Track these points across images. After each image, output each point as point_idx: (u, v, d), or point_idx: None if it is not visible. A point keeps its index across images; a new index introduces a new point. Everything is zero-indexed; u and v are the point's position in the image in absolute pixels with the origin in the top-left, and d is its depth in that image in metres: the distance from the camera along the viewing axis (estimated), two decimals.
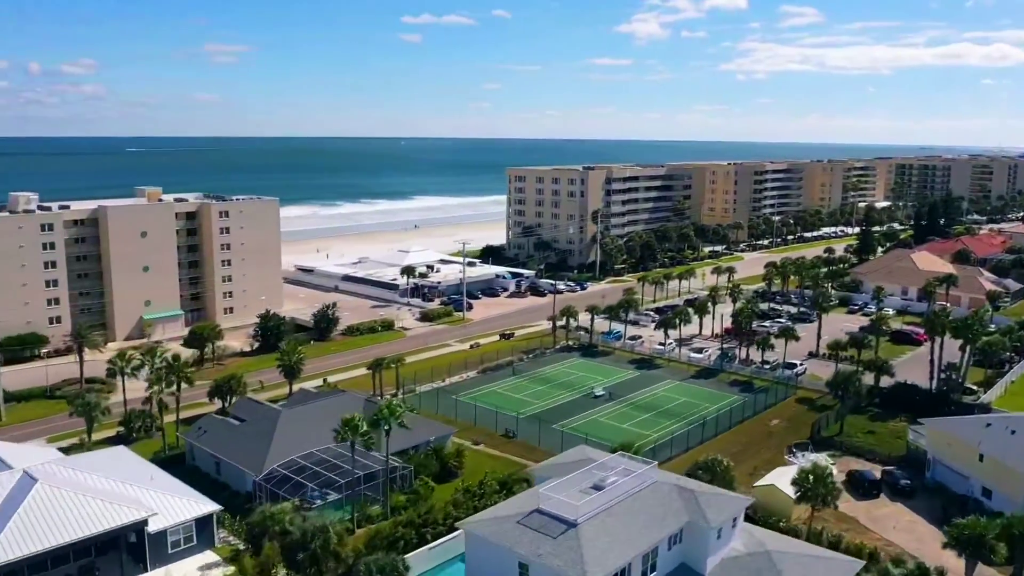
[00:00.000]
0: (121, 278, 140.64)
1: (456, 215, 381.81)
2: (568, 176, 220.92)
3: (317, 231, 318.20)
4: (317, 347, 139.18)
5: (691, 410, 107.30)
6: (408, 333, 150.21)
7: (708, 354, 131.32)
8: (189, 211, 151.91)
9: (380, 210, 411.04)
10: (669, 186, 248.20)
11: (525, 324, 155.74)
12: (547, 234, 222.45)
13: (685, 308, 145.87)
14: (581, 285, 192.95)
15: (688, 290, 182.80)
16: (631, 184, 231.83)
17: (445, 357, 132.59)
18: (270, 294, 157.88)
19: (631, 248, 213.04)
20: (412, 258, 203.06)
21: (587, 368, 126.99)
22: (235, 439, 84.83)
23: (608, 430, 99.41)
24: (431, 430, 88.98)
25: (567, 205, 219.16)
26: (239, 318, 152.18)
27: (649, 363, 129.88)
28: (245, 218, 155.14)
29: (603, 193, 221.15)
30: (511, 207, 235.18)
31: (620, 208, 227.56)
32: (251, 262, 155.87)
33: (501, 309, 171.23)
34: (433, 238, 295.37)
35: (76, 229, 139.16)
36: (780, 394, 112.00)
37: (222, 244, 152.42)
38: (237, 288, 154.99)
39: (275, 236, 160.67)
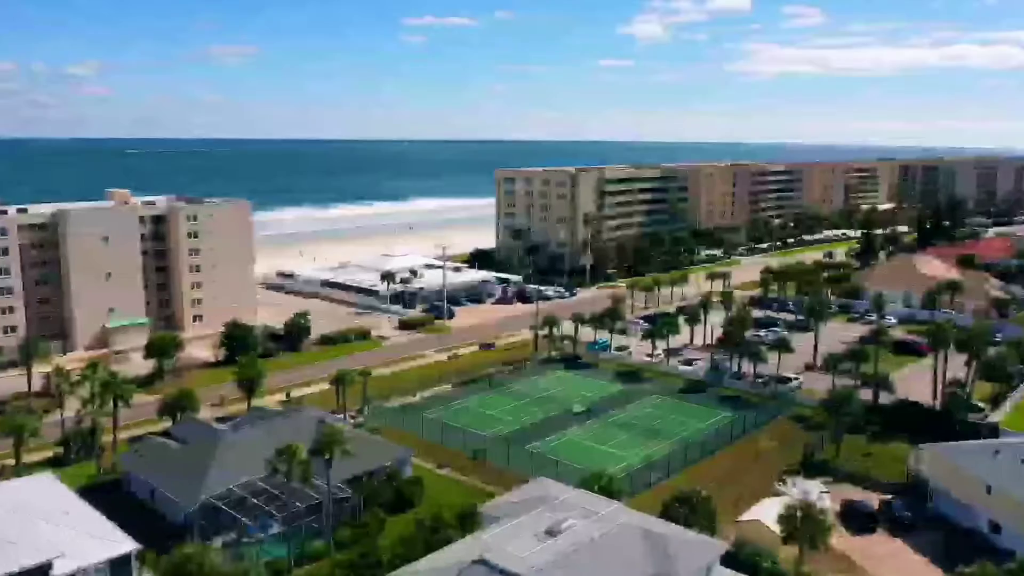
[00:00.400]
0: (81, 285, 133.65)
1: (452, 217, 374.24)
2: (559, 178, 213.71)
3: (310, 234, 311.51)
4: (287, 358, 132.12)
5: (676, 429, 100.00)
6: (385, 343, 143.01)
7: (698, 366, 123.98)
8: (156, 215, 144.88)
9: (375, 212, 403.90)
10: (665, 188, 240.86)
11: (509, 333, 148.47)
12: (537, 238, 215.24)
13: (674, 317, 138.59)
14: (571, 291, 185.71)
15: (681, 297, 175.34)
16: (625, 186, 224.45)
17: (420, 369, 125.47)
18: (242, 301, 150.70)
19: (624, 252, 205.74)
20: (396, 262, 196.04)
21: (569, 382, 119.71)
22: (172, 464, 77.77)
23: (584, 452, 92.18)
24: (388, 453, 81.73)
25: (558, 208, 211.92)
26: (209, 326, 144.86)
27: (636, 376, 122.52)
28: (215, 222, 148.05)
29: (595, 195, 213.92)
30: (501, 210, 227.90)
31: (613, 211, 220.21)
32: (222, 268, 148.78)
33: (485, 316, 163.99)
34: (426, 241, 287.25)
35: (33, 233, 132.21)
36: (773, 411, 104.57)
37: (190, 249, 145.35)
38: (207, 295, 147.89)
39: (248, 241, 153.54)
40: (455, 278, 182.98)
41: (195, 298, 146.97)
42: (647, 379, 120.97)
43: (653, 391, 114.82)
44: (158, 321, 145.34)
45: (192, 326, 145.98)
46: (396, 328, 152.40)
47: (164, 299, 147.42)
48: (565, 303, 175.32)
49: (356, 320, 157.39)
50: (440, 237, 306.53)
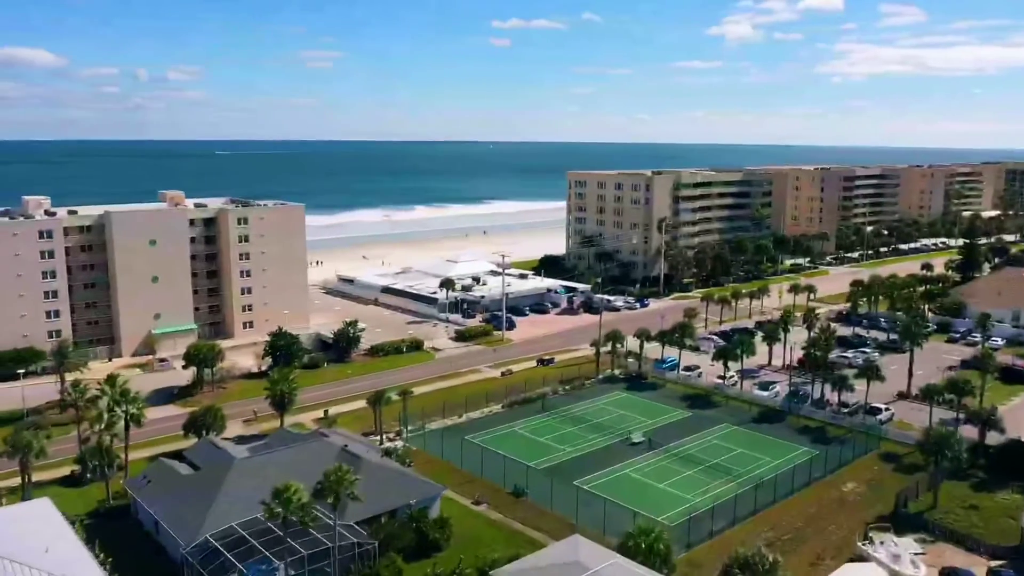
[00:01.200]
0: (127, 289, 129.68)
1: (529, 221, 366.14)
2: (633, 181, 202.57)
3: (382, 236, 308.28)
4: (333, 370, 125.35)
5: (747, 465, 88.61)
6: (438, 355, 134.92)
7: (775, 391, 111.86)
8: (206, 217, 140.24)
9: (452, 215, 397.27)
10: (746, 193, 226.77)
11: (570, 347, 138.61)
12: (609, 244, 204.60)
13: (748, 336, 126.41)
14: (642, 302, 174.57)
15: (761, 310, 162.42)
16: (703, 191, 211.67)
17: (470, 386, 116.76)
18: (294, 307, 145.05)
19: (701, 261, 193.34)
20: (460, 268, 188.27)
21: (630, 405, 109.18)
22: (178, 493, 70.81)
23: (639, 490, 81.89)
24: (414, 490, 73.01)
25: (631, 213, 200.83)
26: (259, 333, 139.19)
27: (705, 400, 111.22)
28: (267, 225, 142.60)
29: (671, 200, 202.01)
30: (571, 214, 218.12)
31: (691, 217, 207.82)
32: (273, 273, 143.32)
33: (548, 328, 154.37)
34: (498, 245, 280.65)
35: (81, 236, 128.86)
36: (860, 447, 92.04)
37: (241, 253, 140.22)
38: (257, 301, 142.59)
39: (300, 245, 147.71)
40: (519, 286, 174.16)
41: (245, 304, 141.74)
42: (717, 404, 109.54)
43: (723, 419, 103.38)
44: (207, 327, 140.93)
45: (242, 333, 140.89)
46: (452, 339, 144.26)
47: (214, 305, 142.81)
48: (635, 315, 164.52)
49: (411, 329, 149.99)
50: (513, 242, 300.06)
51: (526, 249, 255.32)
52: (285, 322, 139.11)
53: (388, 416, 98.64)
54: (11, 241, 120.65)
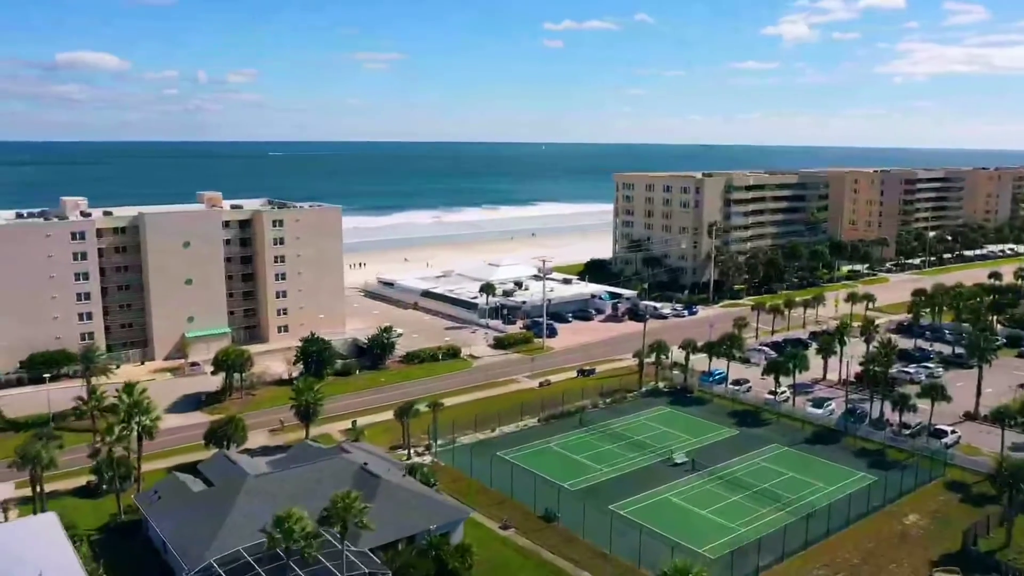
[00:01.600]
0: (160, 292, 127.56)
1: (578, 224, 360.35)
2: (681, 183, 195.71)
3: (430, 238, 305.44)
4: (366, 377, 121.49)
5: (799, 491, 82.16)
6: (475, 363, 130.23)
7: (830, 409, 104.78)
8: (241, 219, 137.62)
9: (500, 217, 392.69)
10: (802, 196, 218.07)
11: (613, 357, 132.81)
12: (656, 249, 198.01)
13: (801, 348, 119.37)
14: (690, 309, 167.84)
15: (815, 320, 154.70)
16: (756, 193, 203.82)
17: (506, 397, 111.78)
18: (330, 311, 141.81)
19: (753, 267, 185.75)
20: (502, 272, 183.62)
21: (674, 421, 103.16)
22: (188, 511, 67.10)
23: (680, 517, 76.13)
24: (435, 514, 68.21)
25: (680, 216, 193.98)
26: (294, 338, 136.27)
27: (754, 418, 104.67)
28: (302, 227, 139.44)
29: (723, 203, 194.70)
30: (618, 217, 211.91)
31: (742, 220, 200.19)
32: (309, 276, 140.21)
33: (591, 336, 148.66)
34: (546, 248, 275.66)
35: (115, 237, 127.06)
36: (923, 474, 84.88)
37: (276, 256, 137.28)
38: (292, 304, 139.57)
39: (337, 247, 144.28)
40: (562, 291, 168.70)
41: (279, 307, 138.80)
42: (767, 422, 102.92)
43: (773, 438, 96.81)
44: (242, 331, 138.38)
45: (276, 337, 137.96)
46: (490, 346, 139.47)
47: (249, 308, 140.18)
48: (682, 323, 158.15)
49: (450, 335, 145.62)
50: (561, 244, 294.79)
51: (574, 252, 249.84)
52: (320, 326, 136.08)
53: (418, 428, 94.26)
54: (44, 242, 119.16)
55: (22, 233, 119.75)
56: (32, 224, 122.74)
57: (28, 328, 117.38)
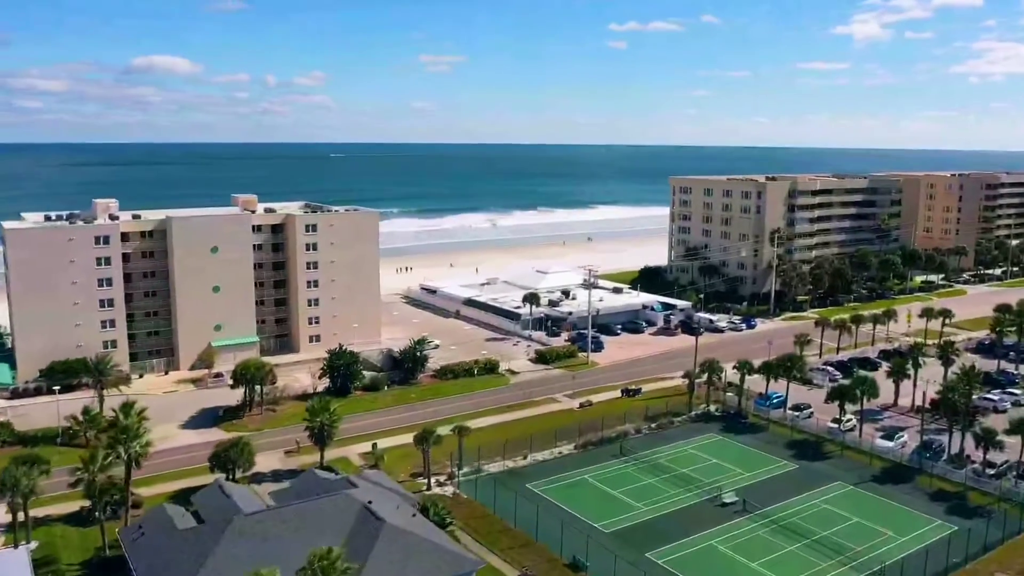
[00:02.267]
0: (187, 299, 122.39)
1: (636, 229, 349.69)
2: (743, 188, 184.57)
3: (481, 242, 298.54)
4: (395, 393, 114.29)
5: (865, 541, 72.07)
6: (513, 379, 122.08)
7: (902, 442, 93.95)
8: (274, 223, 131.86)
9: (556, 221, 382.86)
10: (872, 201, 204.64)
11: (662, 375, 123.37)
12: (715, 256, 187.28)
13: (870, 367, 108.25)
14: (748, 322, 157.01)
15: (886, 336, 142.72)
16: (822, 199, 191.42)
17: (542, 419, 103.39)
18: (365, 320, 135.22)
19: (818, 277, 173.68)
20: (549, 280, 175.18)
21: (725, 451, 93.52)
22: (170, 550, 60.27)
23: (726, 569, 66.78)
24: (444, 563, 60.09)
25: (740, 223, 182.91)
26: (326, 348, 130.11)
27: (816, 450, 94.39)
28: (337, 232, 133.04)
29: (786, 209, 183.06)
30: (674, 223, 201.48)
31: (807, 227, 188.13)
32: (343, 283, 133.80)
33: (640, 351, 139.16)
34: (601, 253, 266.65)
35: (142, 242, 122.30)
36: (1012, 525, 73.96)
37: (308, 262, 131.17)
38: (325, 313, 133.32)
39: (373, 253, 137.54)
40: (611, 301, 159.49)
41: (311, 316, 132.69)
42: (830, 455, 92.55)
43: (836, 475, 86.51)
44: (272, 340, 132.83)
45: (308, 347, 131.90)
46: (531, 360, 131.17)
47: (281, 317, 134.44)
48: (739, 337, 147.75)
49: (489, 347, 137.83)
50: (617, 250, 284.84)
51: (629, 258, 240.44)
52: (354, 336, 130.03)
53: (442, 454, 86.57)
54: (66, 246, 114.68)
55: (45, 236, 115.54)
56: (54, 227, 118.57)
57: (50, 335, 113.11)
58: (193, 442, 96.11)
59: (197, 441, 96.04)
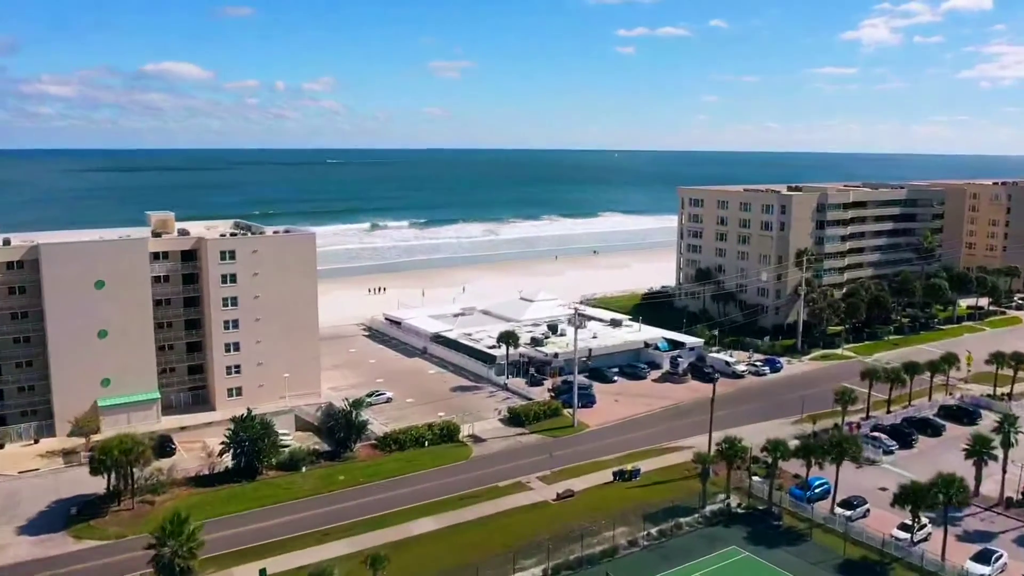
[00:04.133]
0: (63, 346, 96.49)
1: (643, 241, 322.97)
2: (763, 200, 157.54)
3: (471, 258, 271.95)
4: (318, 474, 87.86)
5: None
6: (476, 450, 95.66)
7: (1001, 565, 67.15)
8: (183, 249, 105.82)
9: (555, 234, 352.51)
10: (911, 215, 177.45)
11: (667, 444, 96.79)
12: (730, 280, 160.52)
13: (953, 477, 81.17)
14: (773, 363, 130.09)
15: (945, 382, 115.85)
16: (855, 212, 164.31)
17: (502, 522, 76.85)
18: (300, 368, 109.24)
19: (853, 306, 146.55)
20: (535, 310, 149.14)
21: (750, 574, 67.02)
22: None
23: None
24: None
25: (760, 241, 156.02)
26: (251, 402, 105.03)
27: (877, 573, 67.61)
28: (261, 260, 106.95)
29: (813, 225, 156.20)
30: (683, 240, 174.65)
31: (838, 246, 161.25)
32: (271, 323, 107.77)
33: (640, 405, 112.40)
34: (603, 270, 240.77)
35: (9, 275, 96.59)
36: None
37: (224, 298, 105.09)
38: (248, 360, 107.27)
39: (310, 285, 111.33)
40: (608, 337, 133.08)
41: (230, 364, 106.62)
42: None
43: None
44: (184, 395, 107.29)
45: (227, 402, 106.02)
46: (503, 420, 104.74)
47: (196, 365, 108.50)
48: (764, 385, 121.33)
49: (454, 400, 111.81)
50: (623, 264, 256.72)
51: (635, 276, 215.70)
52: (286, 388, 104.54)
53: None
54: None
55: None
56: None
57: None
58: (24, 558, 70.28)
59: (31, 556, 70.30)
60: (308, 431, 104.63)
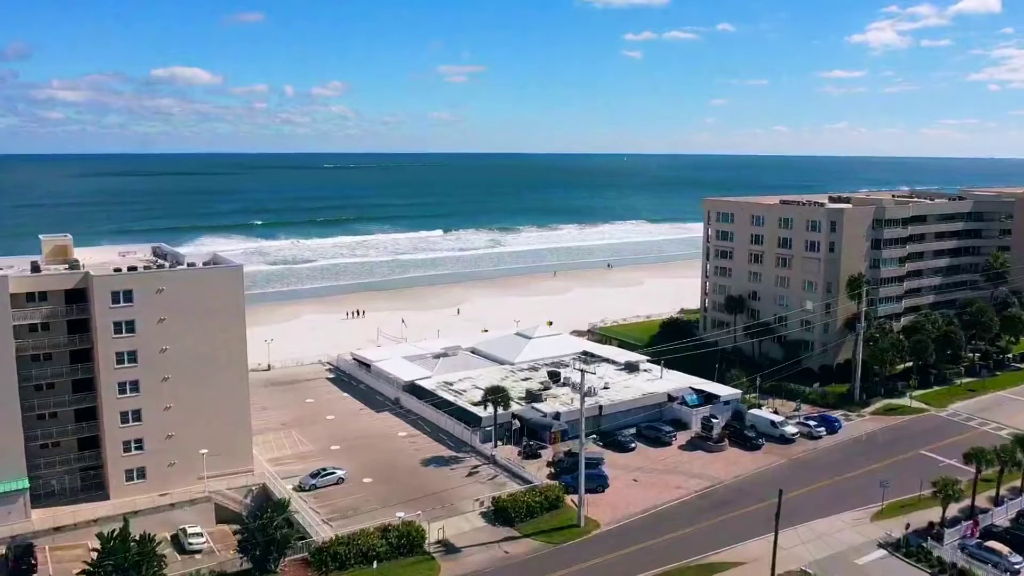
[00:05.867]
0: None
1: (657, 255, 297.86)
2: (808, 216, 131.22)
3: (468, 274, 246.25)
4: None
5: None
6: (445, 567, 70.06)
7: None
8: (67, 288, 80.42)
9: (563, 246, 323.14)
10: (976, 231, 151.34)
11: (714, 554, 70.85)
12: (765, 310, 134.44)
13: None
14: (830, 423, 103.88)
15: None
16: (915, 228, 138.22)
17: None
18: (224, 439, 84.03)
19: (920, 344, 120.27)
20: (534, 349, 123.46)
21: None
22: None
23: None
24: None
25: (805, 265, 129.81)
26: (157, 486, 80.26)
27: None
28: (169, 302, 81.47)
29: (867, 245, 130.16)
30: (709, 261, 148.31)
31: (895, 269, 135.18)
32: (184, 382, 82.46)
33: (666, 488, 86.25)
34: (615, 288, 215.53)
35: None
36: None
37: (119, 353, 79.69)
38: (153, 432, 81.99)
39: (236, 331, 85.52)
40: (621, 388, 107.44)
41: (130, 439, 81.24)
42: None
43: None
44: (71, 476, 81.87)
45: (124, 488, 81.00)
46: (485, 514, 79.03)
47: (89, 438, 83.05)
48: (823, 454, 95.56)
49: (425, 479, 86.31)
50: (638, 280, 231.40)
51: (651, 295, 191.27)
52: (205, 467, 79.69)
53: None
54: None
55: None
56: None
57: None
58: None
59: None
60: (235, 522, 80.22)
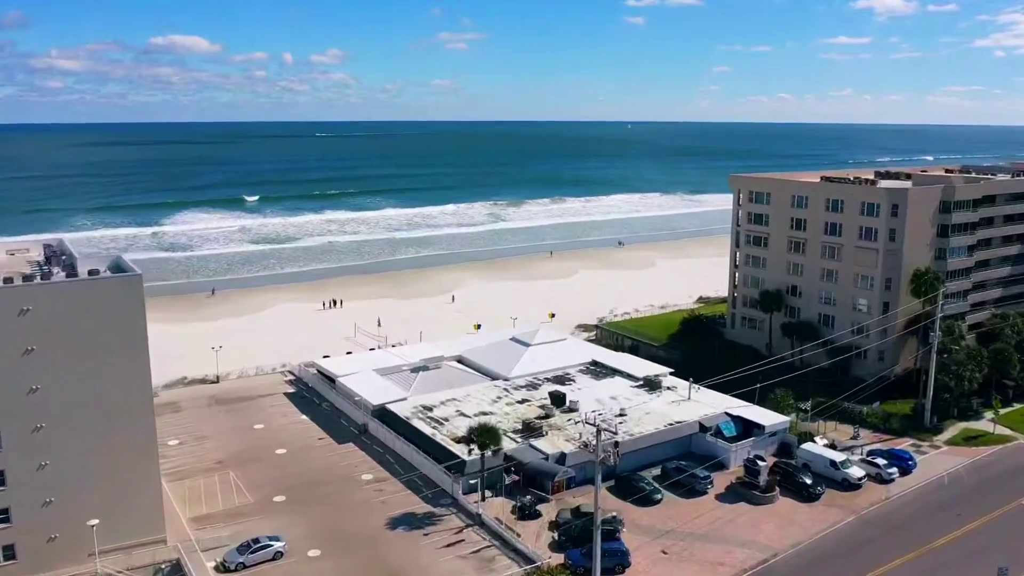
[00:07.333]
0: None
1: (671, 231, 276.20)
2: (863, 197, 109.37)
3: (466, 254, 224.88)
4: None
5: None
6: None
7: None
8: None
9: (569, 222, 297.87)
10: None
11: None
12: (808, 310, 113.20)
13: None
14: (903, 459, 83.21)
15: None
16: (985, 211, 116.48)
17: None
18: (124, 502, 63.61)
19: (1003, 354, 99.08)
20: (534, 359, 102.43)
21: None
22: None
23: None
24: None
25: (858, 256, 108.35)
26: (38, 568, 60.08)
27: None
28: (41, 326, 60.47)
29: (933, 232, 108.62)
30: (739, 247, 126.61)
31: (963, 260, 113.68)
32: (67, 431, 61.82)
33: (705, 566, 65.66)
34: (624, 270, 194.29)
35: None
36: None
37: None
38: (25, 499, 61.49)
39: (139, 362, 64.53)
40: (641, 411, 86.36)
41: None
42: None
43: None
44: None
45: None
46: None
47: None
48: (900, 500, 74.85)
49: (393, 551, 65.78)
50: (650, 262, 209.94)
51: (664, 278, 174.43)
52: (95, 544, 59.59)
53: None
54: None
55: None
56: None
57: None
58: None
59: None
60: None
